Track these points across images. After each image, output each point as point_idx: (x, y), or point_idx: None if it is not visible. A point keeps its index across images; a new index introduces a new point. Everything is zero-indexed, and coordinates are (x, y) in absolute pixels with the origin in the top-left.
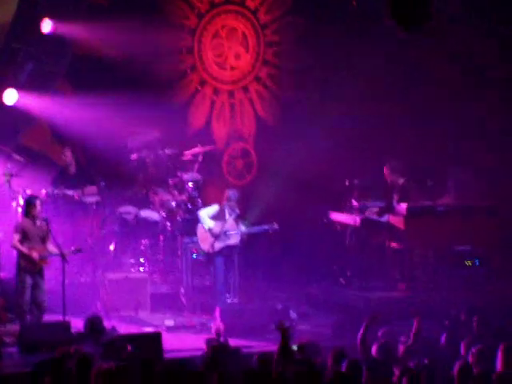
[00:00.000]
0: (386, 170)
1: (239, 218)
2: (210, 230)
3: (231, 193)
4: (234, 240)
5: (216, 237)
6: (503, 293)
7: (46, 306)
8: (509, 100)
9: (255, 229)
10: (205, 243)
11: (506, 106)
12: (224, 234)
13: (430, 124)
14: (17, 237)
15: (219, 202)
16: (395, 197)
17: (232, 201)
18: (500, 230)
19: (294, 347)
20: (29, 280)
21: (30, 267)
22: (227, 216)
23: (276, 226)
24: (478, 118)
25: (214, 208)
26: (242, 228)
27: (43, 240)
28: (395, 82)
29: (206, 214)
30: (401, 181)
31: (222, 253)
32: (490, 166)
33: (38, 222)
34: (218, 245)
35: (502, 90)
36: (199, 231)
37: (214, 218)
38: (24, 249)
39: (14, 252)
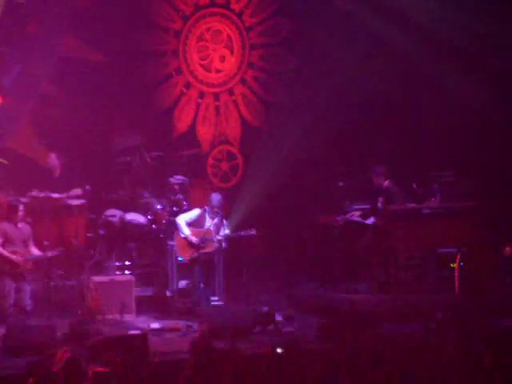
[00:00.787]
0: (371, 173)
1: (223, 221)
2: (186, 237)
3: (213, 196)
4: (210, 248)
5: (193, 246)
6: (488, 293)
7: (30, 309)
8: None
9: (232, 235)
10: (184, 252)
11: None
12: (201, 241)
13: (415, 127)
14: None
15: (203, 205)
16: (380, 199)
17: (214, 205)
18: (485, 229)
19: (279, 350)
20: (12, 283)
21: (12, 271)
22: (207, 221)
23: (253, 231)
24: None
25: (194, 212)
26: (219, 234)
27: (26, 243)
28: (380, 85)
29: (183, 220)
30: (386, 184)
31: (199, 260)
32: (472, 167)
33: (20, 225)
34: (196, 252)
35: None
36: (177, 239)
37: (193, 223)
38: (6, 252)
39: None
